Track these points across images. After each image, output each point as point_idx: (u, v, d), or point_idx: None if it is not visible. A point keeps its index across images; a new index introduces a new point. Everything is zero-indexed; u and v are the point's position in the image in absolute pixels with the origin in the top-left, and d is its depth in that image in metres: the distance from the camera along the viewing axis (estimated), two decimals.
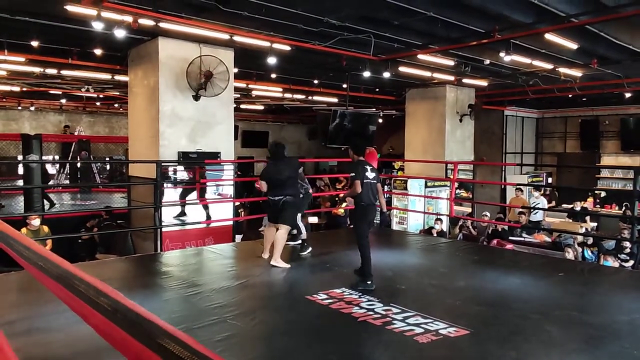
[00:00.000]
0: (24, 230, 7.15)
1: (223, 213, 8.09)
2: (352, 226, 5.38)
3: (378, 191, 5.10)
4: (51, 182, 13.28)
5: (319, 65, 10.44)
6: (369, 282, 4.65)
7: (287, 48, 8.04)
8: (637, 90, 12.94)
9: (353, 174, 4.99)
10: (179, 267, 5.48)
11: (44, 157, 11.45)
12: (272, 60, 7.96)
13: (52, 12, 6.63)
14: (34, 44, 7.75)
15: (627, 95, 13.04)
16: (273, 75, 11.31)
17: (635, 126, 15.12)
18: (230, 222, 8.28)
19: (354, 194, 4.95)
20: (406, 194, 11.74)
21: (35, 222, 7.41)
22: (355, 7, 6.70)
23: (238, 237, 9.14)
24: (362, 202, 4.95)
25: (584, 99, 14.83)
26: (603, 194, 14.72)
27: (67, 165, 13.78)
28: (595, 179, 16.06)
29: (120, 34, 6.73)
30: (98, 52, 8.38)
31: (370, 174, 5.02)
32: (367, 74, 9.56)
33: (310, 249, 6.10)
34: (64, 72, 10.09)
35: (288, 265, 5.42)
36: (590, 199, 14.71)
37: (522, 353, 3.25)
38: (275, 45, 7.73)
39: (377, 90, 13.73)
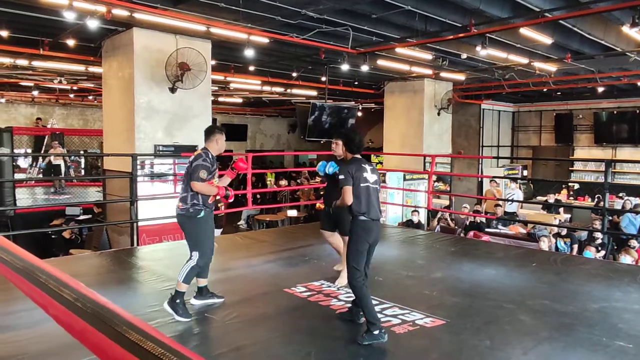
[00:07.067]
0: None
1: None
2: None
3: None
4: (23, 176, 12.95)
5: (297, 58, 10.40)
6: (375, 333, 3.22)
7: (265, 40, 7.98)
8: (609, 85, 13.26)
9: (342, 177, 3.50)
10: (155, 262, 5.42)
11: (15, 151, 11.14)
12: (250, 53, 7.88)
13: (22, 1, 6.43)
14: (3, 33, 7.53)
15: (600, 89, 13.36)
16: (251, 68, 11.22)
17: (608, 120, 15.50)
18: None
19: (345, 205, 3.51)
20: (385, 187, 11.80)
21: None
22: (334, 0, 6.67)
23: (217, 232, 9.05)
24: (362, 216, 3.47)
25: (559, 93, 15.14)
26: (576, 186, 15.06)
27: (40, 159, 13.44)
28: (569, 172, 16.43)
29: (93, 24, 6.57)
30: (71, 42, 8.17)
31: (371, 177, 3.58)
32: (345, 66, 9.57)
33: None
34: (35, 63, 9.83)
35: None
36: (564, 191, 15.03)
37: (497, 342, 3.31)
38: (253, 38, 7.66)
39: (356, 83, 13.76)
